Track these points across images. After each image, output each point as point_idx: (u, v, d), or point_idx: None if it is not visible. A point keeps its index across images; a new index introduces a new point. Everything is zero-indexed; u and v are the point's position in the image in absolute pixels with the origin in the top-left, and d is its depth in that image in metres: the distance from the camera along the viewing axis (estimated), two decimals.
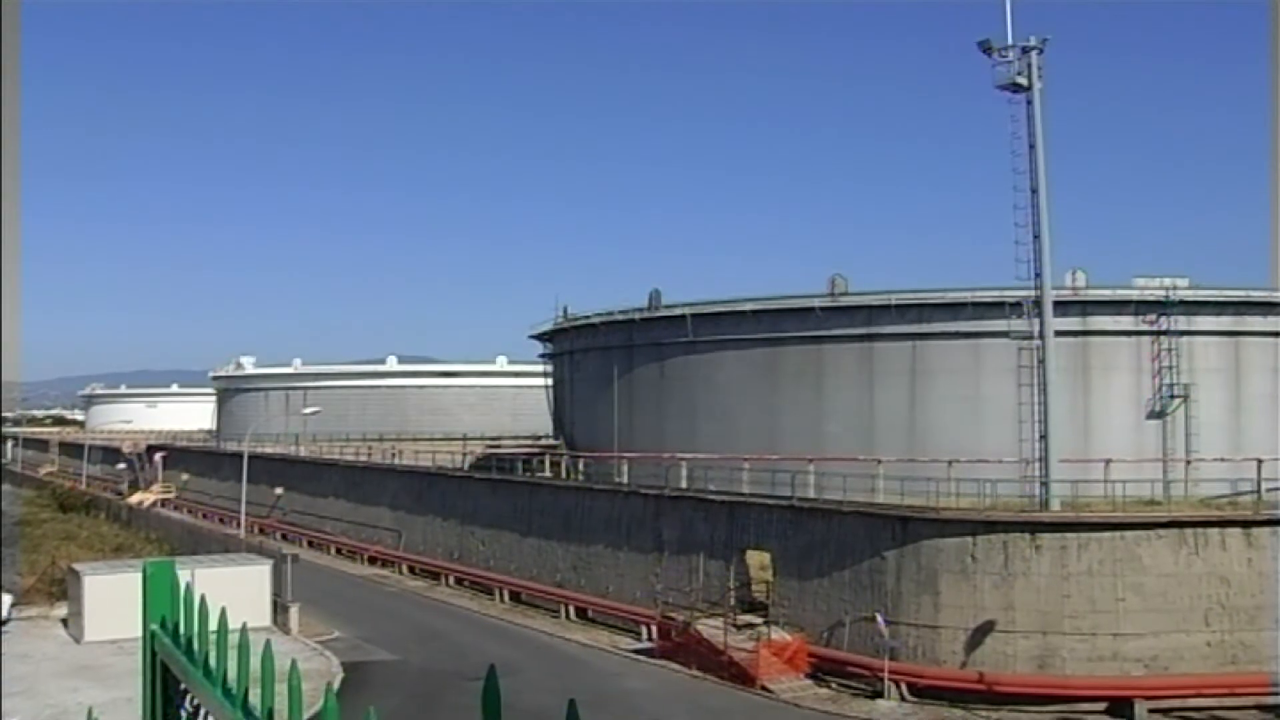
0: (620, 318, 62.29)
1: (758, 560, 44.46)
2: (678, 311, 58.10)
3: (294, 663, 2.63)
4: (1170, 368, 47.78)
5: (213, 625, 2.86)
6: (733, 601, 42.28)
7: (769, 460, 47.26)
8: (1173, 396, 47.60)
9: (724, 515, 44.81)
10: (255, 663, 2.49)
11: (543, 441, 78.88)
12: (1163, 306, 47.89)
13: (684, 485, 49.41)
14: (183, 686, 2.92)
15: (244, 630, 2.67)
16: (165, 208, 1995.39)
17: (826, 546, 40.49)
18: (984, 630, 36.16)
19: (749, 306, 55.08)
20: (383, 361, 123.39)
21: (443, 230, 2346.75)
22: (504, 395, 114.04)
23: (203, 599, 2.92)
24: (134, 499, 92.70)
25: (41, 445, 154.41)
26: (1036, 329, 40.79)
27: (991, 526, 36.76)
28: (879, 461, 44.95)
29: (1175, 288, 48.17)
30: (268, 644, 2.40)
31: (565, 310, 68.30)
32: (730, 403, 55.10)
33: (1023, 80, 39.78)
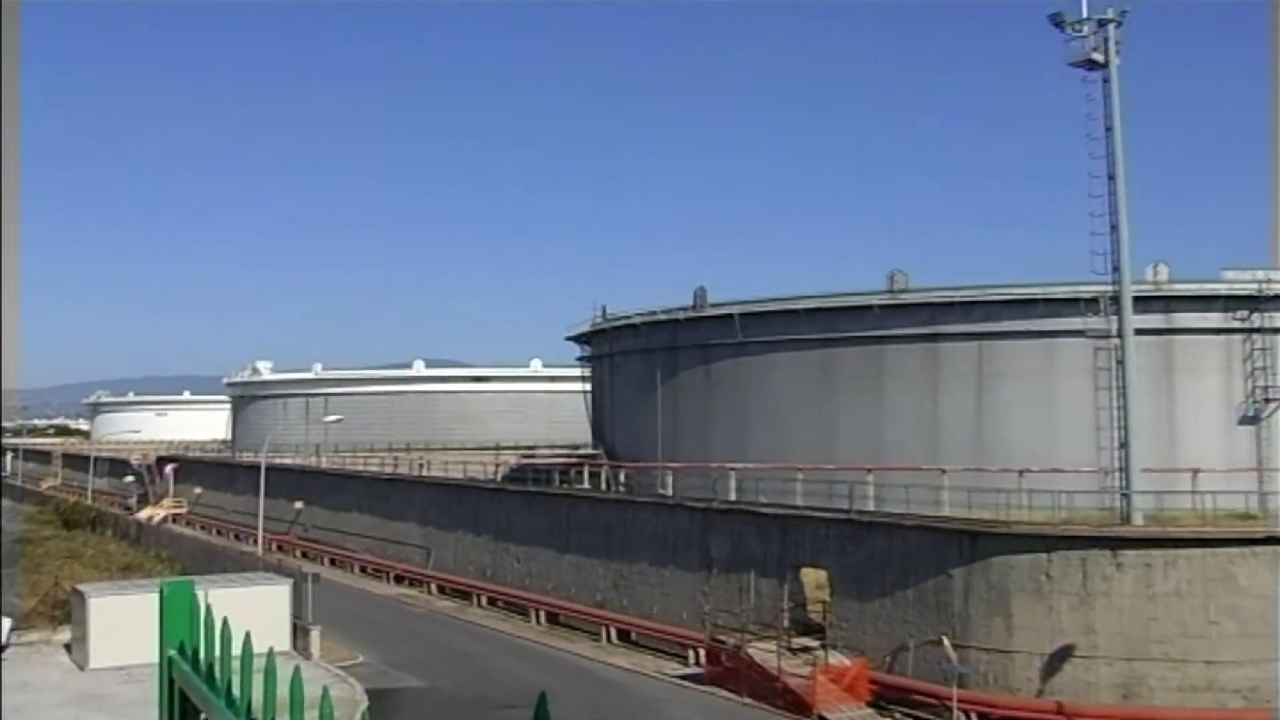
0: (663, 317, 62.47)
1: (814, 578, 44.37)
2: (725, 310, 58.17)
3: (325, 691, 2.60)
4: (1264, 368, 47.05)
5: (235, 649, 2.82)
6: (787, 623, 42.24)
7: (825, 470, 47.20)
8: (1268, 400, 46.87)
9: (777, 530, 44.74)
10: (278, 689, 2.44)
11: (581, 451, 79.39)
12: (1255, 302, 47.14)
13: (733, 497, 49.47)
14: (204, 717, 2.88)
15: (270, 656, 2.63)
16: (176, 203, 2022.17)
17: (888, 564, 40.29)
18: (1062, 656, 35.76)
19: (802, 305, 55.06)
20: (409, 366, 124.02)
21: (473, 227, 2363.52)
22: (539, 401, 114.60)
23: (225, 622, 2.88)
24: (143, 514, 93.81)
25: (43, 457, 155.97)
26: (1115, 327, 40.37)
27: (1068, 542, 36.36)
28: (944, 471, 44.59)
29: (1270, 281, 47.38)
30: (296, 671, 2.37)
31: (604, 310, 68.72)
32: (782, 408, 55.10)
33: (1098, 56, 39.40)
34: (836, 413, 53.39)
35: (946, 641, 36.01)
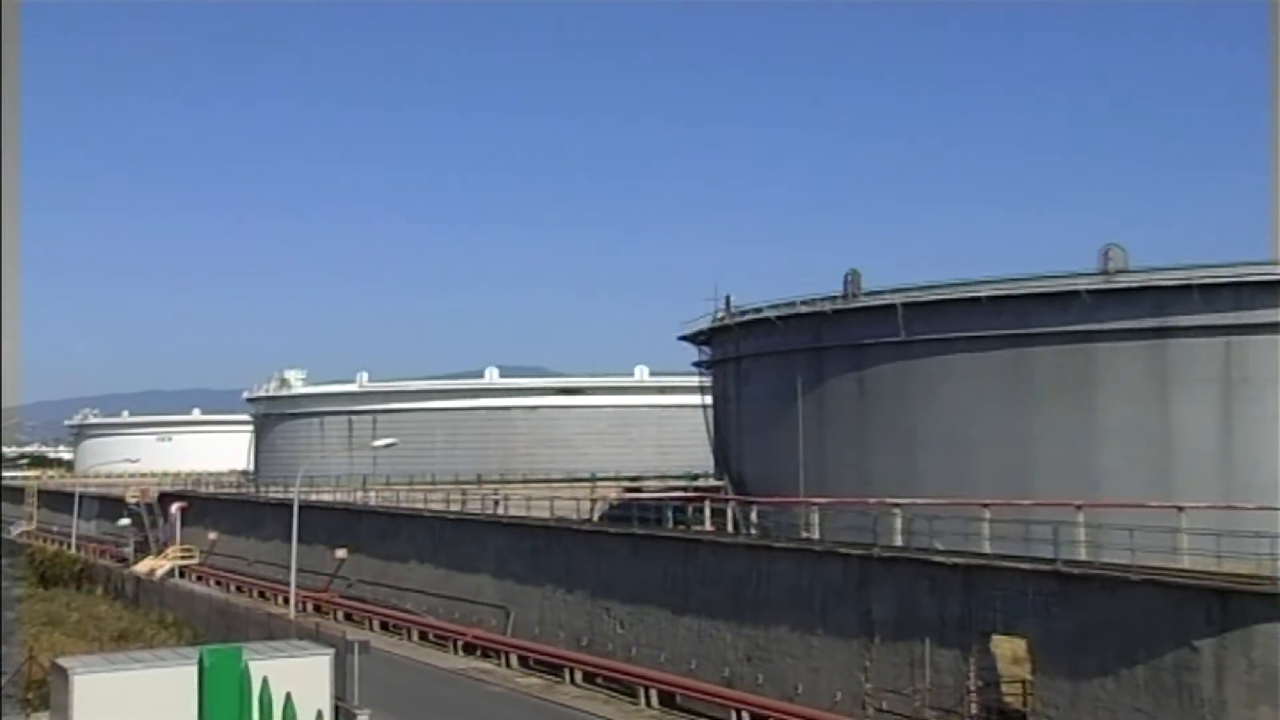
0: (805, 310, 62.76)
1: (1009, 650, 43.50)
2: (885, 300, 58.23)
3: None
4: None
5: None
6: (974, 709, 41.48)
7: (1019, 506, 46.84)
8: None
9: (958, 585, 43.95)
10: None
11: (700, 482, 79.09)
12: None
13: (899, 542, 49.04)
14: None
15: None
16: (180, 183, 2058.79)
17: (1109, 631, 39.23)
18: None
19: (986, 291, 54.81)
20: (480, 375, 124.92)
21: (553, 205, 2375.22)
22: (645, 418, 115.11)
23: (288, 698, 2.02)
24: (143, 567, 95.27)
25: (14, 495, 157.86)
26: None
27: None
28: (1180, 509, 43.10)
29: None
30: None
31: (728, 301, 68.87)
32: (961, 426, 55.09)
33: None
34: (1032, 431, 53.23)
35: None
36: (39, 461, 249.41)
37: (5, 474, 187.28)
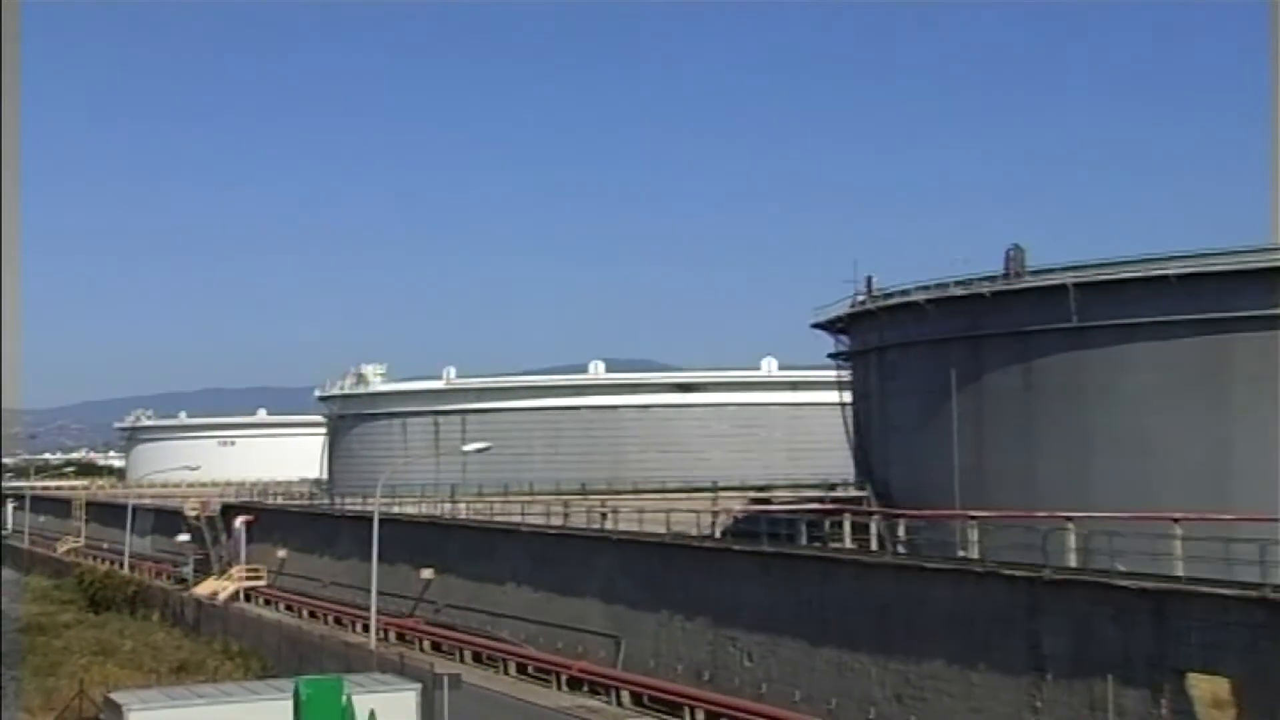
0: (960, 291, 62.80)
1: (1208, 691, 41.82)
2: (1054, 280, 58.04)
3: None
4: None
5: None
6: None
7: (1217, 521, 46.29)
8: None
9: (1145, 613, 42.97)
10: None
11: (838, 492, 79.19)
12: None
13: (1074, 562, 48.46)
14: None
15: None
16: (241, 148, 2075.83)
17: None
18: None
19: (1175, 269, 54.69)
20: (584, 369, 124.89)
21: (665, 172, 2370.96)
22: (774, 419, 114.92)
23: None
24: (204, 589, 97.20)
25: (59, 507, 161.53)
26: None
27: None
28: None
29: None
30: None
31: (870, 283, 68.84)
32: (1145, 426, 55.00)
33: None
34: (1230, 433, 53.06)
35: None
36: (87, 469, 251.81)
37: (49, 485, 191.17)
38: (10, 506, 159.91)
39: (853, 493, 72.93)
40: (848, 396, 73.21)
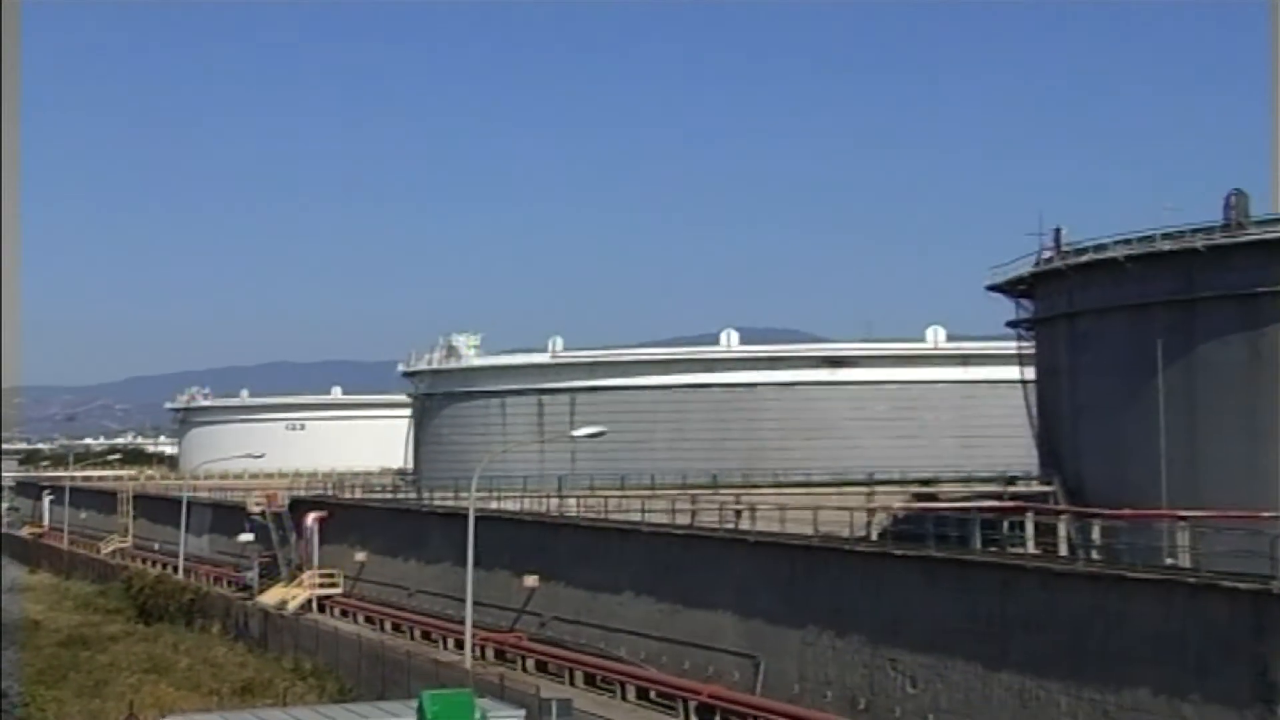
0: (1168, 246, 61.48)
1: None
2: None
3: None
4: None
5: None
6: None
7: None
8: None
9: None
10: None
11: (1019, 487, 77.47)
12: None
13: None
14: None
15: None
16: (326, 98, 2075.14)
17: None
18: None
19: None
20: (714, 341, 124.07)
21: (806, 109, 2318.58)
22: (941, 399, 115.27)
23: None
24: (272, 598, 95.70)
25: (104, 500, 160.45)
26: None
27: None
28: None
29: None
30: None
31: (1058, 236, 67.36)
32: None
33: None
34: None
35: None
36: (133, 457, 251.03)
37: (91, 474, 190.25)
38: (47, 500, 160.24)
39: (1036, 488, 71.61)
40: (1030, 373, 72.45)
